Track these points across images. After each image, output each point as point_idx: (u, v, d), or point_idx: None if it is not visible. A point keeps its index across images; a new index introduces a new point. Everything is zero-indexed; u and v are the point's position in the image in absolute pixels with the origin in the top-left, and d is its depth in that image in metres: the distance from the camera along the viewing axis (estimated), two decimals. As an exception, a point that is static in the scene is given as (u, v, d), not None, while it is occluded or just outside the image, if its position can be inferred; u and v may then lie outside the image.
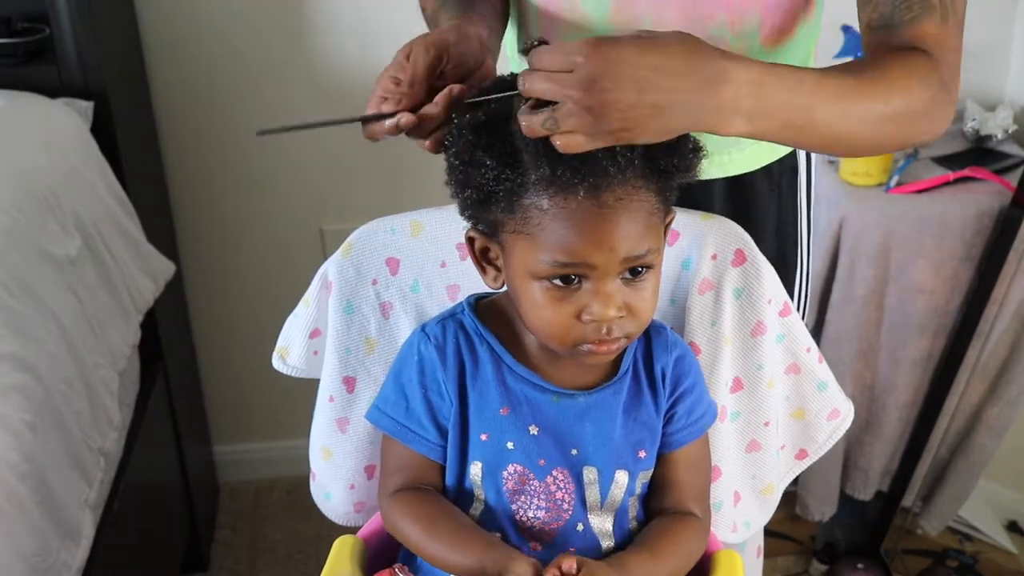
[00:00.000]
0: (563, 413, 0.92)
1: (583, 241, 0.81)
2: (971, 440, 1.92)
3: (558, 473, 0.91)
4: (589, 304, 0.83)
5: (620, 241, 0.81)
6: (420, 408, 0.94)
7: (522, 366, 0.93)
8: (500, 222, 0.85)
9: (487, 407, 0.92)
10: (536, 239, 0.82)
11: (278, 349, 1.10)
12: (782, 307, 1.03)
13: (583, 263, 0.82)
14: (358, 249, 1.05)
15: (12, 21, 1.70)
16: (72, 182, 1.53)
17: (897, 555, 2.09)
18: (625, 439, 0.93)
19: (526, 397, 0.92)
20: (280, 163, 2.05)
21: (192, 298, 2.17)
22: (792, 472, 1.12)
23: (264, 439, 2.36)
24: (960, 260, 1.75)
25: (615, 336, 0.85)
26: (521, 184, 0.81)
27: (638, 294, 0.85)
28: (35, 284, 1.33)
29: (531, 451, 0.91)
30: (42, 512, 1.19)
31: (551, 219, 0.81)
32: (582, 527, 0.92)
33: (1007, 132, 1.92)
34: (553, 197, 0.80)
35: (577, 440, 0.92)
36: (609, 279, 0.83)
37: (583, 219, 0.80)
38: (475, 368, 0.93)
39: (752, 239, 1.01)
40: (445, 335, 0.94)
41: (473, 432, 0.92)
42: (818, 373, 1.07)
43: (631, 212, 0.81)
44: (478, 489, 0.92)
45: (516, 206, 0.82)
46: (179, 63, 1.94)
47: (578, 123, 0.76)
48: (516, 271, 0.86)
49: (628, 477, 0.93)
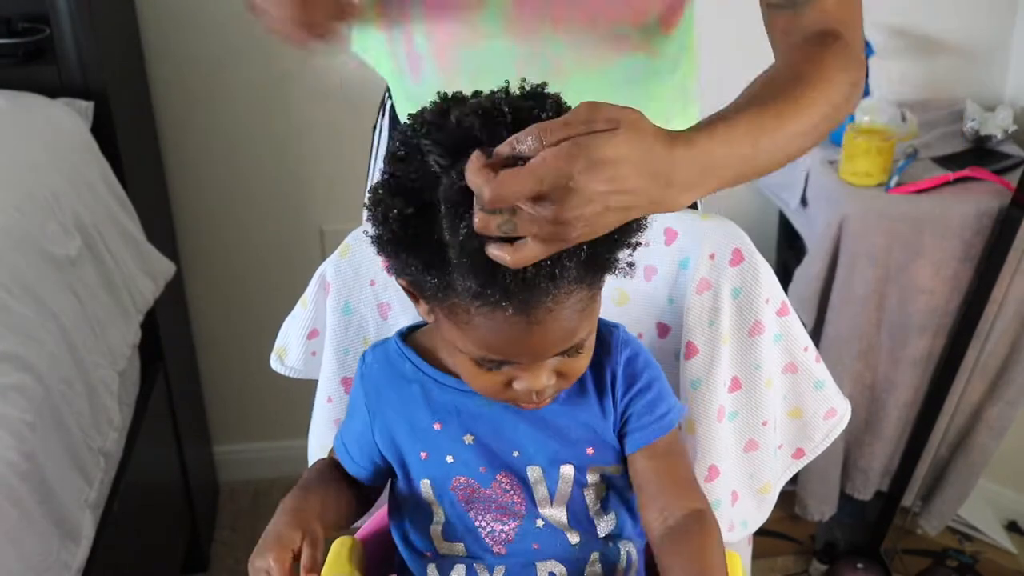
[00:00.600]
0: (496, 417, 0.90)
1: (511, 347, 0.78)
2: (971, 440, 1.92)
3: (502, 477, 0.91)
4: (518, 377, 0.81)
5: (550, 346, 0.79)
6: (350, 431, 0.96)
7: (446, 375, 0.91)
8: (430, 299, 0.80)
9: (419, 425, 0.91)
10: (464, 331, 0.78)
11: (276, 350, 1.10)
12: (780, 306, 1.03)
13: (511, 361, 0.80)
14: (356, 250, 1.04)
15: (12, 21, 1.70)
16: (72, 182, 1.53)
17: (897, 555, 2.09)
18: (565, 436, 0.91)
19: (456, 408, 0.91)
20: (280, 163, 2.05)
21: (192, 298, 2.17)
22: (789, 471, 1.11)
23: (264, 439, 2.36)
24: (960, 260, 1.75)
25: (546, 396, 0.84)
26: (448, 283, 0.75)
27: (571, 362, 0.83)
28: (35, 284, 1.33)
29: (470, 461, 0.90)
30: (42, 512, 1.19)
31: (479, 323, 0.76)
32: (541, 523, 0.91)
33: (1007, 132, 1.92)
34: (480, 308, 0.75)
35: (515, 442, 0.90)
36: (538, 367, 0.81)
37: (512, 331, 0.76)
38: (402, 388, 0.92)
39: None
40: (372, 361, 0.95)
41: (412, 452, 0.92)
42: (815, 372, 1.06)
43: (563, 318, 0.76)
44: (435, 505, 0.92)
45: (444, 299, 0.77)
46: (179, 63, 1.94)
47: (539, 231, 0.68)
48: (445, 338, 0.83)
49: (574, 470, 0.91)
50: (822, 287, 1.82)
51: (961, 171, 1.80)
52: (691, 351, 1.02)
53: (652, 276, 1.04)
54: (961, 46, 2.08)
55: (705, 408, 1.02)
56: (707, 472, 1.04)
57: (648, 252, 1.03)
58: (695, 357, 1.02)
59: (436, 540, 0.93)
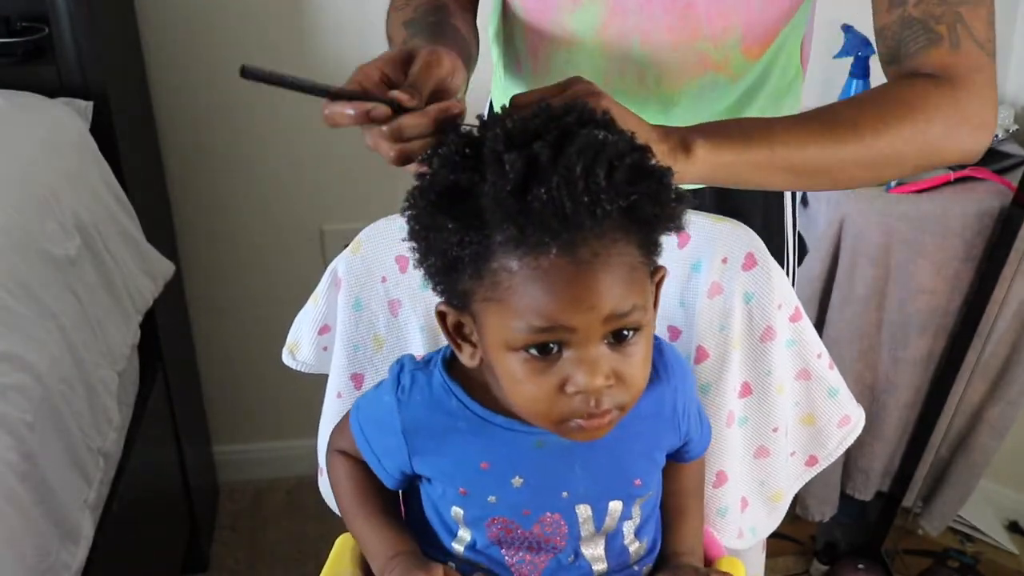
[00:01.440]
0: (548, 457, 0.86)
1: (559, 302, 0.72)
2: (972, 440, 1.92)
3: (547, 518, 0.88)
4: (572, 374, 0.74)
5: (600, 298, 0.72)
6: (382, 443, 0.90)
7: (497, 415, 0.85)
8: (469, 291, 0.76)
9: (464, 462, 0.86)
10: (508, 305, 0.73)
11: (288, 345, 1.11)
12: (793, 312, 1.02)
13: (561, 326, 0.73)
14: (368, 246, 1.05)
15: (12, 21, 1.70)
16: (72, 182, 1.53)
17: (898, 555, 2.08)
18: (618, 470, 0.89)
19: (507, 449, 0.86)
20: (280, 163, 2.05)
21: (192, 298, 2.17)
22: (802, 479, 1.10)
23: (264, 439, 2.36)
24: (960, 260, 1.75)
25: (605, 408, 0.76)
26: (487, 247, 0.73)
27: (627, 360, 0.76)
28: (35, 284, 1.33)
29: (515, 504, 0.87)
30: (42, 512, 1.19)
31: (522, 281, 0.72)
32: (573, 558, 0.89)
33: (1007, 132, 1.92)
34: (523, 258, 0.72)
35: (566, 483, 0.87)
36: (592, 344, 0.74)
37: (557, 278, 0.71)
38: (446, 424, 0.87)
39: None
40: (412, 388, 0.88)
41: (451, 485, 0.88)
42: (829, 379, 1.05)
43: (610, 267, 0.72)
44: (461, 528, 0.89)
45: (484, 271, 0.74)
46: (179, 63, 1.94)
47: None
48: (491, 344, 0.77)
49: (622, 505, 0.90)
50: (822, 287, 1.82)
51: (961, 171, 1.80)
52: (701, 355, 1.01)
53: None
54: (962, 46, 2.07)
55: (714, 413, 1.02)
56: (715, 477, 1.04)
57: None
58: (705, 361, 1.01)
59: (456, 555, 0.90)
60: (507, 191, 0.70)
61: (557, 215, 0.70)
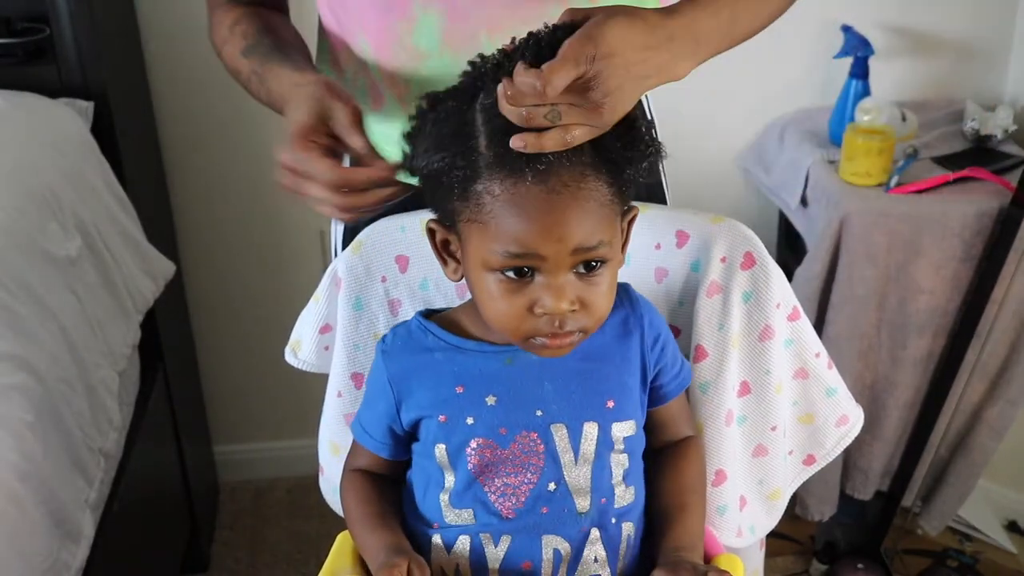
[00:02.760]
0: (519, 375, 0.92)
1: (532, 230, 0.81)
2: (971, 440, 1.92)
3: (523, 437, 0.91)
4: (541, 297, 0.83)
5: (569, 230, 0.81)
6: (373, 412, 0.97)
7: (468, 340, 0.94)
8: (456, 211, 0.85)
9: (441, 390, 0.93)
10: (488, 228, 0.82)
11: (291, 343, 1.12)
12: (791, 311, 1.02)
13: (534, 253, 0.81)
14: (368, 246, 1.05)
15: (12, 21, 1.70)
16: (72, 182, 1.53)
17: (897, 555, 2.09)
18: (588, 389, 0.93)
19: (479, 370, 0.93)
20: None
21: (192, 298, 2.17)
22: (800, 478, 1.11)
23: (264, 439, 2.36)
24: (960, 260, 1.75)
25: (568, 330, 0.85)
26: (473, 170, 0.82)
27: (592, 288, 0.85)
28: (35, 284, 1.33)
29: (490, 422, 0.91)
30: (42, 512, 1.19)
31: (502, 206, 0.81)
32: (554, 486, 0.91)
33: (1007, 132, 1.92)
34: (503, 182, 0.81)
35: (539, 401, 0.92)
36: (561, 272, 0.82)
37: (532, 205, 0.80)
38: (424, 358, 0.94)
39: None
40: (394, 340, 0.96)
41: (431, 417, 0.93)
42: (827, 379, 1.06)
43: (580, 200, 0.81)
44: (447, 470, 0.93)
45: (470, 192, 0.82)
46: (179, 63, 1.94)
47: (581, 117, 0.79)
48: (472, 262, 0.86)
49: (598, 429, 0.92)
50: (822, 287, 1.82)
51: (961, 171, 1.80)
52: (700, 354, 1.02)
53: (663, 278, 1.04)
54: (961, 46, 2.08)
55: (713, 412, 1.02)
56: (714, 476, 1.04)
57: (659, 254, 1.04)
58: (704, 360, 1.02)
59: (444, 509, 0.92)
60: (497, 121, 0.79)
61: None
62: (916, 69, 2.10)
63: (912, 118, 1.96)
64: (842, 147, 1.83)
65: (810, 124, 2.04)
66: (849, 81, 1.94)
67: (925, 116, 2.01)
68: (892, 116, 1.88)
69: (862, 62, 1.93)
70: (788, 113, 2.10)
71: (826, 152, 1.92)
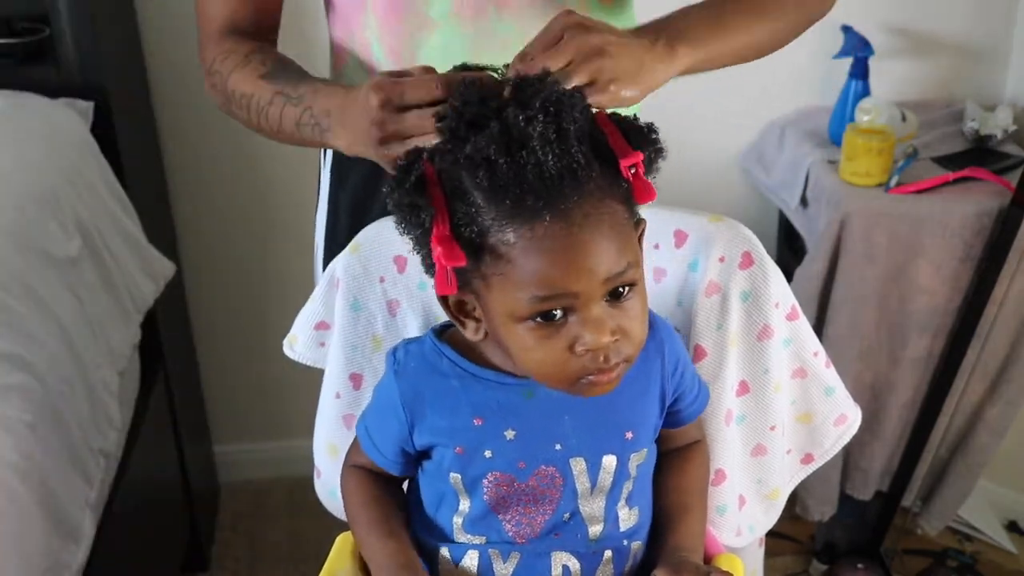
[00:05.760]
0: (537, 408, 0.89)
1: (558, 269, 0.76)
2: (971, 440, 1.92)
3: (542, 471, 0.89)
4: (580, 335, 0.78)
5: (596, 261, 0.77)
6: (384, 431, 0.93)
7: (487, 370, 0.89)
8: (467, 271, 0.79)
9: (458, 420, 0.89)
10: (509, 278, 0.77)
11: (289, 337, 1.12)
12: (790, 311, 1.02)
13: (564, 292, 0.77)
14: (366, 247, 1.05)
15: (12, 21, 1.71)
16: (72, 182, 1.53)
17: (897, 555, 2.09)
18: (608, 421, 0.91)
19: (498, 402, 0.89)
20: (281, 163, 2.05)
21: (192, 298, 2.17)
22: (797, 477, 1.11)
23: (264, 439, 2.36)
24: (960, 260, 1.75)
25: (614, 362, 0.80)
26: (479, 229, 0.77)
27: (627, 315, 0.80)
28: (35, 284, 1.33)
29: (510, 457, 0.89)
30: (42, 512, 1.19)
31: (520, 252, 0.76)
32: (568, 516, 0.90)
33: (1007, 132, 1.92)
34: (517, 229, 0.76)
35: (558, 434, 0.89)
36: (594, 305, 0.78)
37: (554, 245, 0.75)
38: (439, 385, 0.90)
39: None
40: (407, 359, 0.92)
41: (447, 447, 0.90)
42: (825, 378, 1.06)
43: (602, 227, 0.77)
44: (462, 495, 0.91)
45: (481, 249, 0.78)
46: (179, 63, 1.94)
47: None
48: (497, 317, 0.81)
49: (616, 461, 0.91)
50: (822, 287, 1.82)
51: (961, 171, 1.80)
52: (699, 354, 1.02)
53: (661, 278, 1.04)
54: (961, 46, 2.08)
55: (712, 412, 1.02)
56: (713, 475, 1.04)
57: (658, 254, 1.03)
58: (703, 360, 1.02)
59: (456, 531, 0.92)
60: (494, 162, 0.75)
61: (541, 178, 0.75)
62: (916, 69, 2.10)
63: (912, 118, 1.96)
64: (842, 147, 1.83)
65: (810, 124, 2.04)
66: (849, 81, 1.94)
67: (925, 116, 2.01)
68: (892, 116, 1.88)
69: (862, 62, 1.93)
70: (788, 113, 2.10)
71: (826, 152, 1.92)
